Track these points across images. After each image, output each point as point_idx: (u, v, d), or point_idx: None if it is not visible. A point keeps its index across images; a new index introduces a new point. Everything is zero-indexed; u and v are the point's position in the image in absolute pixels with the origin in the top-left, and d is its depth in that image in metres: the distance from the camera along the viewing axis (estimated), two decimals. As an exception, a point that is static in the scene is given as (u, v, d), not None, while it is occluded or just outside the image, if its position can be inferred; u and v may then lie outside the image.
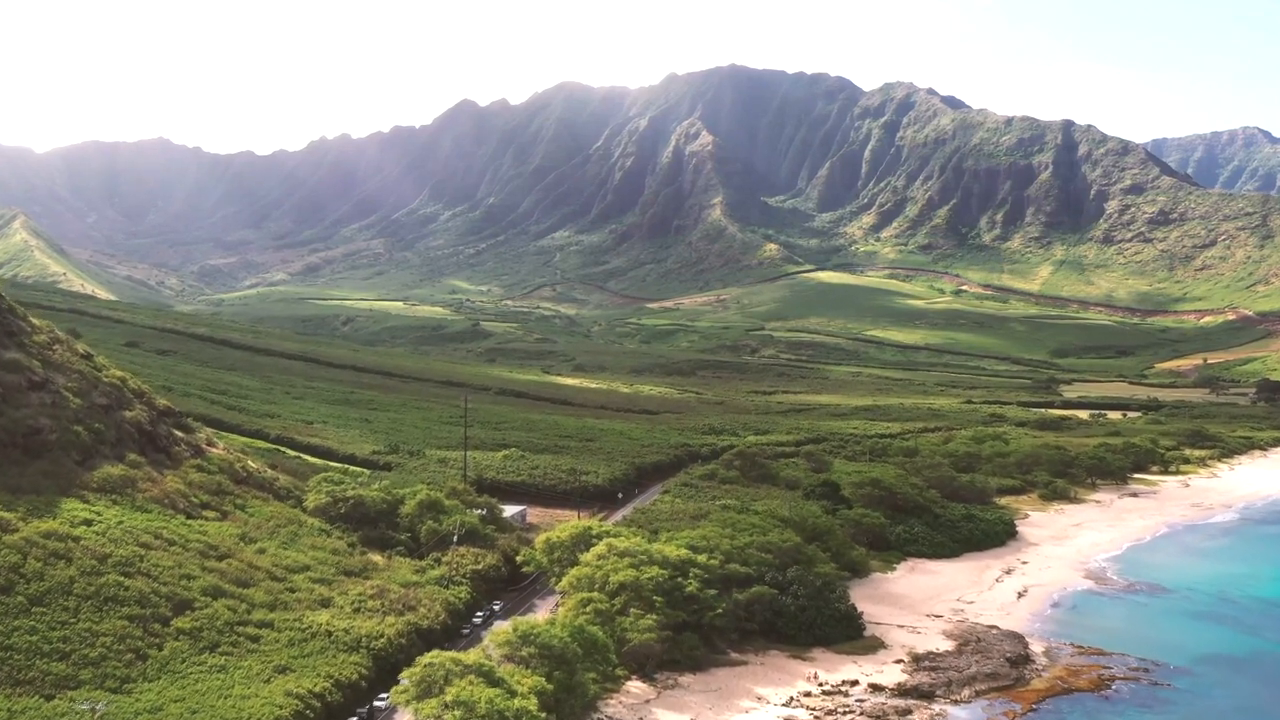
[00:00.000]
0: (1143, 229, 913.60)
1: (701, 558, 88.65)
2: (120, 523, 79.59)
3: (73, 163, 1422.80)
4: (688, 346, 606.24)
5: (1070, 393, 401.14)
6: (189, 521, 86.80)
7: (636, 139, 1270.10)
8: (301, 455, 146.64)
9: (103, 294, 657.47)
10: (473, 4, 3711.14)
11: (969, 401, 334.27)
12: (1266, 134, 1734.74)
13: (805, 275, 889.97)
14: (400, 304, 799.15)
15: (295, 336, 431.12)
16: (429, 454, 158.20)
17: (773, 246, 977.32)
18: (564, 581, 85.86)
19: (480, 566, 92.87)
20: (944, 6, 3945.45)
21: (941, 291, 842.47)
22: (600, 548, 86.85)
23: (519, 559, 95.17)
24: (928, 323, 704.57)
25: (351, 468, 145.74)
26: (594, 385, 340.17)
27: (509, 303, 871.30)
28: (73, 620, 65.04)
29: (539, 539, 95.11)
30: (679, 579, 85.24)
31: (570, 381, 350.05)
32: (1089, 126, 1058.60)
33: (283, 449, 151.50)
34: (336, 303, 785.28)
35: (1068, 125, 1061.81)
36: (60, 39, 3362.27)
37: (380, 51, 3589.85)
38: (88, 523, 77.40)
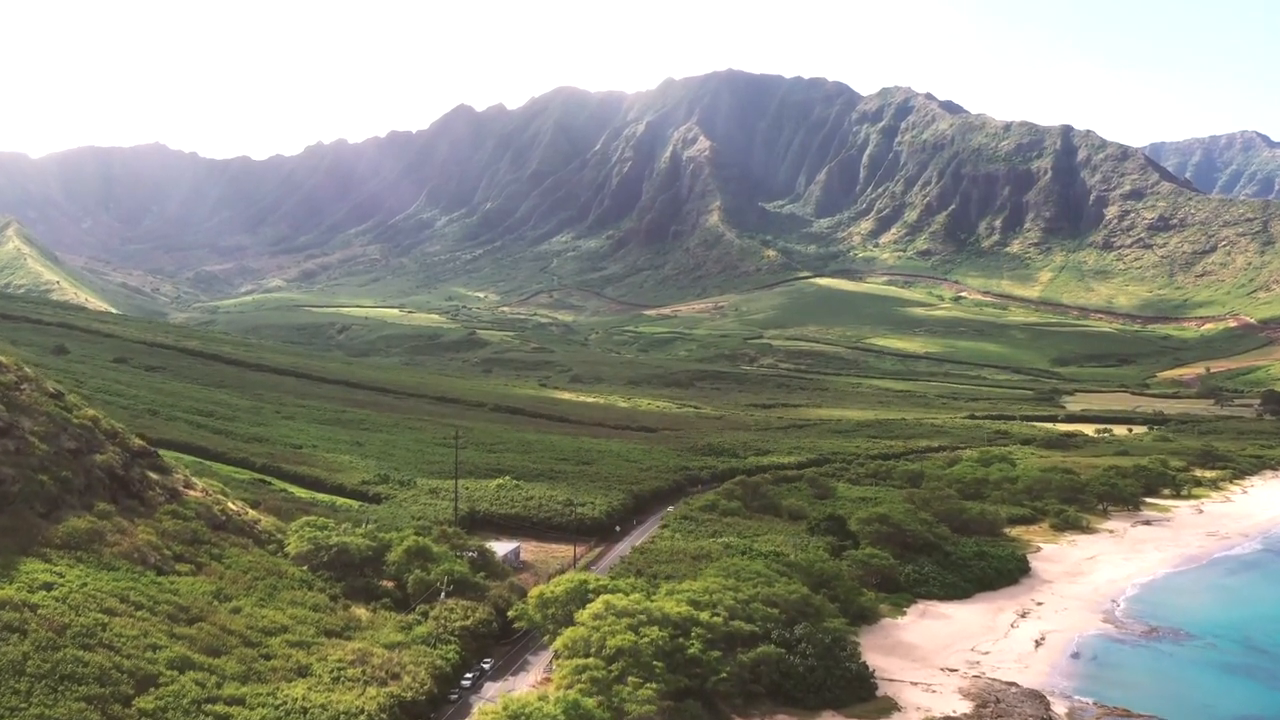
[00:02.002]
0: (1142, 235, 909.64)
1: (704, 615, 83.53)
2: (84, 585, 74.32)
3: (68, 168, 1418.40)
4: (686, 355, 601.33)
5: (1073, 405, 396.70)
6: (159, 578, 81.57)
7: (634, 144, 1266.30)
8: (288, 487, 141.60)
9: (96, 302, 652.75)
10: (469, 8, 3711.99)
11: (972, 416, 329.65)
12: (1265, 138, 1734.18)
13: (803, 281, 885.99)
14: (396, 311, 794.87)
15: (288, 350, 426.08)
16: (420, 483, 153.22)
17: (771, 252, 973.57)
18: (559, 642, 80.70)
19: (469, 622, 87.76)
20: (941, 10, 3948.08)
21: (941, 298, 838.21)
22: (597, 605, 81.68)
23: (511, 614, 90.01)
24: (927, 330, 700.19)
25: (339, 499, 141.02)
26: (591, 400, 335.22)
27: (506, 309, 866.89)
28: (24, 705, 59.73)
29: (532, 593, 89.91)
30: (680, 639, 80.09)
31: (567, 396, 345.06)
32: (1088, 131, 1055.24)
33: (269, 479, 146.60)
34: (332, 310, 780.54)
35: (1066, 130, 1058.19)
36: (56, 44, 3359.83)
37: (377, 56, 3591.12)
38: (48, 586, 72.11)
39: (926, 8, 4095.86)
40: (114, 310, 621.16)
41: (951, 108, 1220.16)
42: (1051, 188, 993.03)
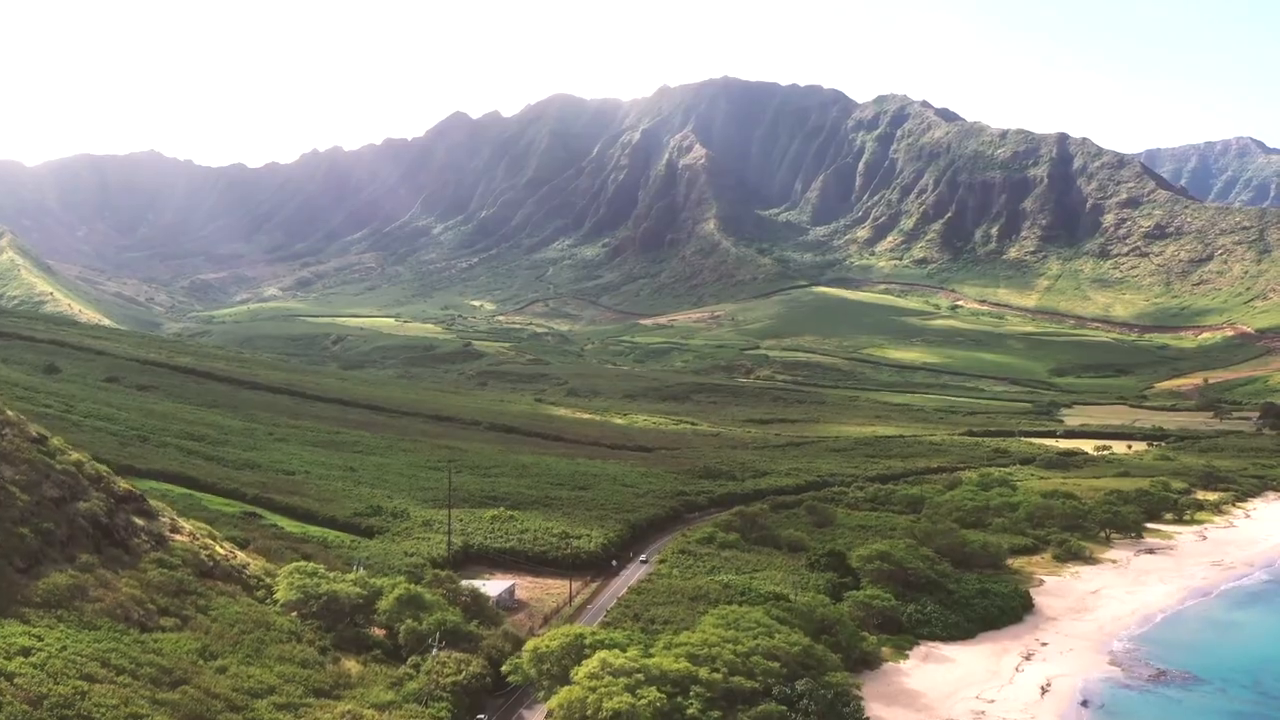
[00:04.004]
0: (1139, 243, 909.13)
1: (703, 671, 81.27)
2: (64, 648, 71.85)
3: (63, 176, 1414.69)
4: (682, 366, 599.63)
5: (1072, 418, 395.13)
6: (142, 636, 79.15)
7: (630, 151, 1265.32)
8: (279, 521, 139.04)
9: (90, 314, 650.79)
10: (464, 15, 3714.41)
11: (970, 432, 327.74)
12: (1260, 144, 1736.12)
13: (800, 290, 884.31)
14: (392, 320, 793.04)
15: (282, 365, 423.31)
16: (414, 514, 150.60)
17: (767, 260, 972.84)
18: (553, 702, 78.56)
19: (462, 676, 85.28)
20: (936, 17, 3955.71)
21: (937, 307, 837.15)
22: (593, 663, 79.49)
23: (505, 669, 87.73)
24: (924, 340, 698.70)
25: (331, 533, 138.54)
26: (587, 416, 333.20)
27: (502, 318, 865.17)
28: (-4, 788, 57.53)
29: (527, 646, 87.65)
30: (679, 698, 77.96)
31: (563, 412, 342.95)
32: (1084, 139, 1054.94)
33: (260, 511, 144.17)
34: (327, 320, 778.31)
35: (1062, 138, 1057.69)
36: (51, 52, 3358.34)
37: (372, 62, 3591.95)
38: (26, 652, 69.57)
39: (921, 14, 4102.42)
40: (108, 321, 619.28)
41: (947, 115, 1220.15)
42: (1048, 195, 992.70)
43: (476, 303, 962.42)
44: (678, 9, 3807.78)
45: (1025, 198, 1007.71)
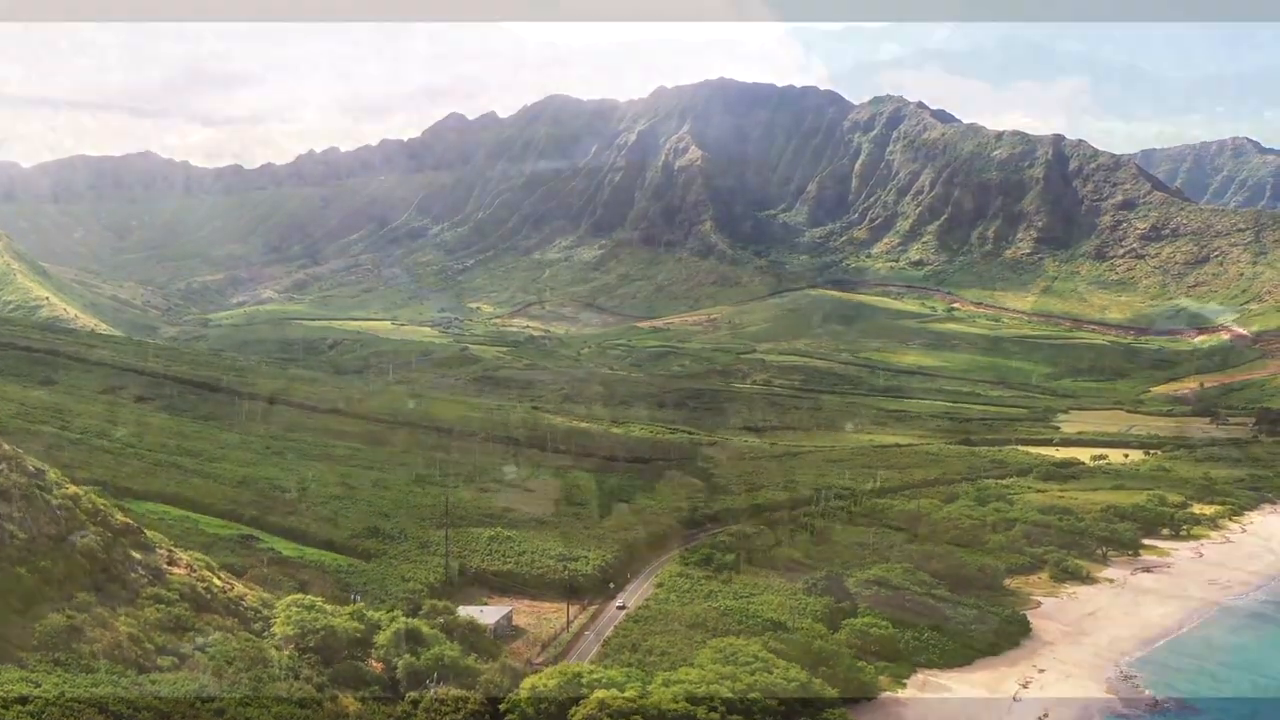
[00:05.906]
0: (1135, 245, 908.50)
1: (700, 711, 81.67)
2: (61, 694, 71.69)
3: (59, 177, 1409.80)
4: (679, 371, 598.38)
5: (1068, 425, 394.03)
6: (139, 678, 79.11)
7: (625, 153, 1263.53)
8: (275, 545, 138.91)
9: (86, 318, 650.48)
10: (460, 16, 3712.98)
11: (967, 440, 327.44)
12: (1255, 144, 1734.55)
13: (797, 292, 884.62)
14: (388, 324, 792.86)
15: (280, 373, 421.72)
16: (411, 534, 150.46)
17: (763, 262, 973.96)
18: (551, 744, 78.79)
19: (460, 716, 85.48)
20: (931, 18, 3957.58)
21: (934, 309, 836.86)
22: (591, 704, 79.82)
23: (503, 708, 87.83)
24: (921, 342, 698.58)
25: (328, 556, 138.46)
26: (584, 424, 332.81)
27: (498, 321, 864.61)
28: (-7, 847, 57.37)
29: (524, 684, 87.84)
30: (677, 739, 78.25)
31: (559, 420, 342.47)
32: (1079, 141, 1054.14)
33: (257, 533, 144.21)
34: (323, 324, 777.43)
35: (1058, 139, 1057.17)
36: (46, 54, 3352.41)
37: (368, 63, 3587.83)
38: (23, 700, 69.46)
39: (916, 15, 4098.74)
40: (104, 326, 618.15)
41: (943, 116, 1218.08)
42: (1044, 197, 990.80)
43: (473, 305, 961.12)
44: (674, 10, 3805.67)
45: (1021, 199, 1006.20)
